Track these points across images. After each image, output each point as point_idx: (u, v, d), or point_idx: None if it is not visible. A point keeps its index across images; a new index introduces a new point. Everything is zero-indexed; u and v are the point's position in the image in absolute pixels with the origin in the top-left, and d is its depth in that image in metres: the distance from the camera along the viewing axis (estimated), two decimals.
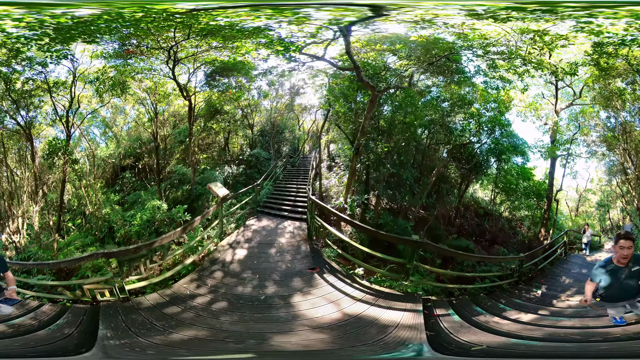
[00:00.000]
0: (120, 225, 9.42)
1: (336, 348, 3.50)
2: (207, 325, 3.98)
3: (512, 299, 6.06)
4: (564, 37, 7.73)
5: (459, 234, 10.39)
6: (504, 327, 4.06)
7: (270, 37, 7.97)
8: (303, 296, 4.85)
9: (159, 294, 4.84)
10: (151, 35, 8.39)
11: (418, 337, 3.63)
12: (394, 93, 8.70)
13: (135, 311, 4.25)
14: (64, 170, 10.25)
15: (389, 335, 3.74)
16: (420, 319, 4.06)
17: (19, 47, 7.95)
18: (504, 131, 10.90)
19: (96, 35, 7.77)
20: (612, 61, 9.26)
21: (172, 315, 4.21)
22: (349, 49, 6.52)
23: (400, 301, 4.63)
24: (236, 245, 7.25)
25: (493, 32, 7.74)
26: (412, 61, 8.92)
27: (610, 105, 11.31)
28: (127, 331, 3.74)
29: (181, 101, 13.20)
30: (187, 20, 7.50)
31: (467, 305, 4.90)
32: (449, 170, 11.63)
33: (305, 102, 16.26)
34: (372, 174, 9.00)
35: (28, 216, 9.71)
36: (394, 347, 3.43)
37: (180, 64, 10.83)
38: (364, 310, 4.42)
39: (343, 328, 3.99)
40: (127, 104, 14.58)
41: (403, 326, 3.95)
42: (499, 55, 8.93)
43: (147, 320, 4.05)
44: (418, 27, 7.20)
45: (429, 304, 4.57)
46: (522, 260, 7.34)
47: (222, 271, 5.87)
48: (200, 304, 4.63)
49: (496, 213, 12.22)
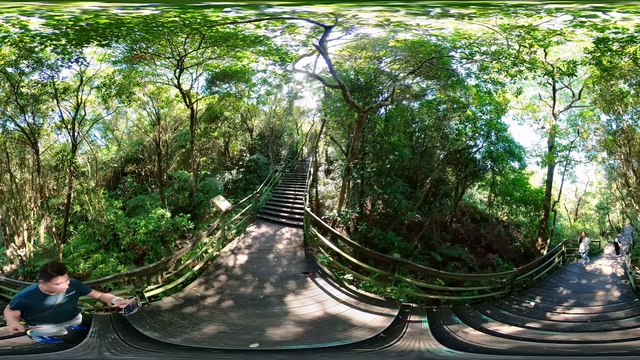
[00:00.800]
0: (125, 233, 9.67)
1: (310, 339, 4.04)
2: (221, 320, 4.62)
3: (499, 311, 5.95)
4: (557, 33, 7.00)
5: (453, 242, 10.38)
6: (466, 338, 4.13)
7: (270, 45, 7.99)
8: (295, 296, 5.42)
9: (173, 297, 5.32)
10: (164, 41, 8.32)
11: (372, 336, 4.01)
12: (378, 113, 8.64)
13: (158, 313, 4.74)
14: (70, 182, 10.32)
15: (350, 332, 4.20)
16: (387, 323, 4.37)
17: (34, 46, 7.74)
18: (500, 135, 10.70)
19: (111, 37, 7.67)
20: (616, 60, 8.55)
21: (190, 314, 4.78)
22: (332, 68, 6.53)
23: (380, 306, 5.01)
24: (237, 251, 7.68)
25: (479, 30, 7.11)
26: (402, 65, 8.70)
27: (612, 109, 10.85)
28: (163, 330, 4.24)
29: (182, 105, 13.35)
30: (196, 30, 7.40)
31: (446, 314, 5.01)
32: (445, 175, 11.58)
33: (303, 105, 16.34)
34: (364, 190, 9.11)
35: (35, 232, 9.73)
36: (350, 342, 3.91)
37: (186, 70, 10.88)
38: (343, 311, 4.89)
39: (319, 324, 4.51)
40: (130, 107, 14.65)
41: (367, 327, 4.35)
42: (487, 55, 8.36)
43: (172, 320, 4.59)
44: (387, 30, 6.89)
45: (406, 311, 4.80)
46: (515, 274, 7.19)
47: (226, 275, 6.39)
48: (210, 303, 5.20)
49: (492, 219, 12.18)
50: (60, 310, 3.14)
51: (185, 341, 3.91)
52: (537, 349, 3.95)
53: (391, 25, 6.71)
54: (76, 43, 7.90)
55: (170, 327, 4.33)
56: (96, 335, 3.80)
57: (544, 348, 4.01)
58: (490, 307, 6.14)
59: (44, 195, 10.66)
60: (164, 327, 4.32)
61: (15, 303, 2.92)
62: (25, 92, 9.37)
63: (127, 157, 15.54)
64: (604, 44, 7.62)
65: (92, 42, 7.98)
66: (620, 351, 3.87)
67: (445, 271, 8.48)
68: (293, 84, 13.94)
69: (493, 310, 5.97)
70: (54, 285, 2.86)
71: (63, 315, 3.28)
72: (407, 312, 4.77)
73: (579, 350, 3.99)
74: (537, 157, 11.75)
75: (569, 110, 12.26)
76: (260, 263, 6.99)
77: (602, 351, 3.93)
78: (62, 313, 3.23)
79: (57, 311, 3.12)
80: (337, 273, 6.43)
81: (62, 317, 3.31)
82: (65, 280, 2.93)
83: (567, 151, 11.96)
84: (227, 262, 7.05)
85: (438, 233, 10.27)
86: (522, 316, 5.89)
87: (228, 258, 7.26)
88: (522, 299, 6.96)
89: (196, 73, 11.75)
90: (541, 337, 4.60)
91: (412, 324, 4.37)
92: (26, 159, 11.28)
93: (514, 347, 4.02)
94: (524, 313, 6.16)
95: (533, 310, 6.36)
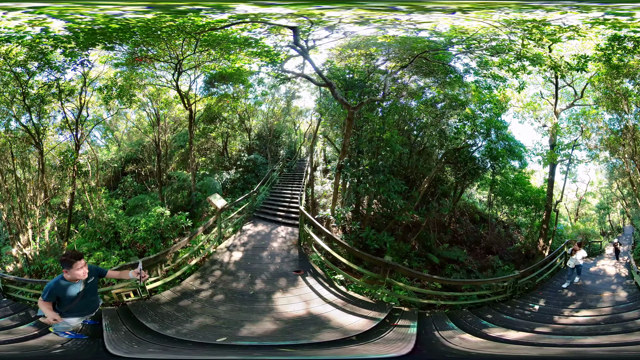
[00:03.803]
0: (126, 231, 9.83)
1: (279, 337, 4.06)
2: (209, 314, 4.76)
3: (501, 315, 5.67)
4: (572, 28, 6.72)
5: (451, 242, 10.16)
6: (462, 345, 3.91)
7: (262, 46, 8.04)
8: (282, 294, 5.47)
9: (171, 291, 5.49)
10: (163, 44, 8.46)
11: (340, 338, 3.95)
12: (369, 109, 8.47)
13: (158, 306, 4.92)
14: (73, 182, 10.46)
15: (320, 333, 4.14)
16: (368, 326, 4.26)
17: (45, 48, 7.95)
18: (500, 133, 10.47)
19: (115, 41, 7.90)
20: (627, 58, 8.35)
21: (185, 307, 4.95)
22: (315, 67, 6.47)
23: (367, 309, 4.88)
24: (233, 249, 7.78)
25: (478, 26, 6.98)
26: (394, 62, 8.58)
27: (617, 107, 10.53)
28: (161, 322, 4.41)
29: (181, 106, 13.46)
30: (192, 33, 7.50)
31: (440, 319, 4.82)
32: (443, 175, 11.42)
33: (301, 105, 16.29)
34: (359, 189, 8.96)
35: (40, 230, 9.83)
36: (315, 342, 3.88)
37: (184, 72, 11.02)
38: (327, 312, 4.83)
39: (295, 323, 4.50)
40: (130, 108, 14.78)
41: (343, 329, 4.25)
42: (488, 50, 8.08)
43: (169, 312, 4.77)
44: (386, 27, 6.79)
45: (396, 314, 4.66)
46: (517, 278, 6.80)
47: (220, 270, 6.54)
48: (203, 297, 5.37)
49: (492, 219, 11.96)
50: (85, 300, 3.37)
51: (176, 333, 4.00)
52: (561, 355, 3.68)
53: (387, 21, 6.64)
54: (84, 46, 8.09)
55: (168, 319, 4.50)
56: (111, 329, 3.93)
57: (565, 353, 3.75)
58: (491, 312, 5.86)
59: (48, 195, 10.81)
60: (162, 319, 4.48)
61: (47, 294, 3.16)
62: (32, 92, 9.52)
63: (127, 157, 15.71)
64: (618, 42, 7.44)
65: (97, 45, 8.16)
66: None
67: (443, 274, 8.30)
68: (290, 84, 13.94)
69: (494, 314, 5.71)
70: (76, 271, 3.15)
71: (88, 306, 3.51)
72: (397, 315, 4.64)
73: (614, 354, 3.74)
74: (538, 155, 11.49)
75: (570, 108, 12.04)
76: (254, 260, 7.07)
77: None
78: (87, 304, 3.46)
79: (82, 302, 3.35)
80: (329, 273, 6.41)
81: (87, 308, 3.52)
82: (84, 265, 3.22)
83: (569, 149, 11.61)
84: (223, 258, 7.17)
85: (436, 234, 10.09)
86: (527, 320, 5.58)
87: (224, 255, 7.37)
88: (525, 302, 6.66)
89: (194, 75, 11.89)
90: (563, 341, 4.33)
91: (398, 329, 4.24)
92: (28, 159, 11.43)
93: (525, 353, 3.75)
94: (529, 317, 5.83)
95: (539, 314, 6.06)
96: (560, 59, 8.73)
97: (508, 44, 7.85)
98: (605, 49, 7.79)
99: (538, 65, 8.81)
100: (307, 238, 7.73)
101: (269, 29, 6.62)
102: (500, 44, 7.89)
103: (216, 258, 7.15)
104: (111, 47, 8.48)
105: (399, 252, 8.29)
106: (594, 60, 8.54)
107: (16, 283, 7.00)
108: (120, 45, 8.45)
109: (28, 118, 10.05)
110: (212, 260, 7.00)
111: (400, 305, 5.26)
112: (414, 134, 11.15)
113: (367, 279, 5.77)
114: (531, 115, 12.28)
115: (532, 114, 12.26)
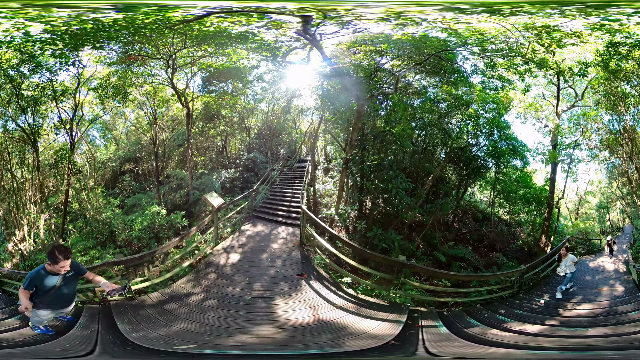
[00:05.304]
0: (122, 229, 9.63)
1: (286, 346, 3.76)
2: (194, 320, 4.49)
3: (513, 310, 5.75)
4: (576, 34, 6.91)
5: (456, 241, 10.13)
6: (506, 339, 3.89)
7: (258, 41, 7.87)
8: (284, 299, 5.11)
9: (160, 293, 5.27)
10: (152, 42, 8.36)
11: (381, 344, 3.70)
12: (380, 102, 8.34)
13: (141, 308, 4.73)
14: (68, 180, 10.32)
15: (344, 340, 3.83)
16: (396, 328, 4.03)
17: (34, 51, 7.94)
18: (503, 133, 10.56)
19: (104, 40, 7.76)
20: (622, 62, 8.76)
21: (170, 311, 4.73)
22: (327, 57, 6.31)
23: (384, 311, 4.64)
24: (230, 250, 7.47)
25: (492, 29, 7.00)
26: (404, 61, 8.55)
27: (615, 109, 10.83)
28: (139, 325, 4.21)
29: (179, 104, 13.27)
30: (182, 29, 7.40)
31: (460, 317, 4.75)
32: (447, 174, 11.40)
33: (301, 103, 16.14)
34: (364, 186, 8.84)
35: (36, 226, 9.80)
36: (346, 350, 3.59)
37: (179, 69, 10.86)
38: (339, 317, 4.51)
39: (305, 330, 4.17)
40: (127, 107, 14.58)
41: (370, 335, 4.00)
42: (497, 52, 8.19)
43: (150, 315, 4.54)
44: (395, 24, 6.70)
45: (415, 315, 4.50)
46: (523, 272, 6.93)
47: (215, 273, 6.21)
48: (193, 301, 5.08)
49: (495, 217, 11.98)
50: (60, 294, 3.40)
51: (139, 338, 3.78)
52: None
53: (398, 19, 6.53)
54: (72, 47, 7.96)
55: (145, 322, 4.29)
56: (82, 327, 3.84)
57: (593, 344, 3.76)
58: (503, 307, 5.91)
59: (44, 193, 10.67)
60: (139, 322, 4.28)
61: (27, 282, 3.27)
62: (26, 93, 9.50)
63: (125, 156, 15.48)
64: (614, 48, 7.72)
65: (86, 45, 8.02)
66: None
67: (451, 271, 8.25)
68: (289, 80, 13.79)
69: (506, 309, 5.75)
70: (59, 267, 3.24)
71: (63, 299, 3.51)
72: (417, 316, 4.48)
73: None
74: (540, 155, 11.60)
75: (571, 109, 12.23)
76: (253, 263, 6.73)
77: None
78: (62, 296, 3.47)
79: (57, 295, 3.38)
80: (334, 276, 6.10)
81: (62, 301, 3.52)
82: (68, 265, 3.29)
83: (570, 149, 11.81)
84: (219, 260, 6.86)
85: (440, 232, 10.05)
86: (537, 314, 5.70)
87: (220, 256, 7.05)
88: (531, 297, 6.78)
89: (190, 72, 11.67)
90: (570, 333, 4.39)
91: (427, 329, 4.08)
92: (26, 158, 11.31)
93: (561, 344, 3.80)
94: (537, 311, 5.97)
95: (545, 308, 6.17)
96: (562, 62, 8.91)
97: (518, 47, 7.89)
98: (603, 55, 8.07)
99: (544, 69, 9.01)
100: (309, 239, 7.51)
101: (270, 23, 6.44)
102: (509, 45, 7.91)
103: (212, 260, 6.82)
104: (101, 47, 8.33)
105: (405, 251, 8.18)
106: (593, 66, 8.89)
107: (9, 277, 6.80)
108: (108, 44, 8.29)
109: (24, 118, 10.01)
110: (208, 262, 6.68)
111: (414, 306, 5.08)
112: (417, 133, 11.11)
113: (377, 280, 5.62)
114: (533, 115, 12.37)
115: (534, 115, 12.35)
